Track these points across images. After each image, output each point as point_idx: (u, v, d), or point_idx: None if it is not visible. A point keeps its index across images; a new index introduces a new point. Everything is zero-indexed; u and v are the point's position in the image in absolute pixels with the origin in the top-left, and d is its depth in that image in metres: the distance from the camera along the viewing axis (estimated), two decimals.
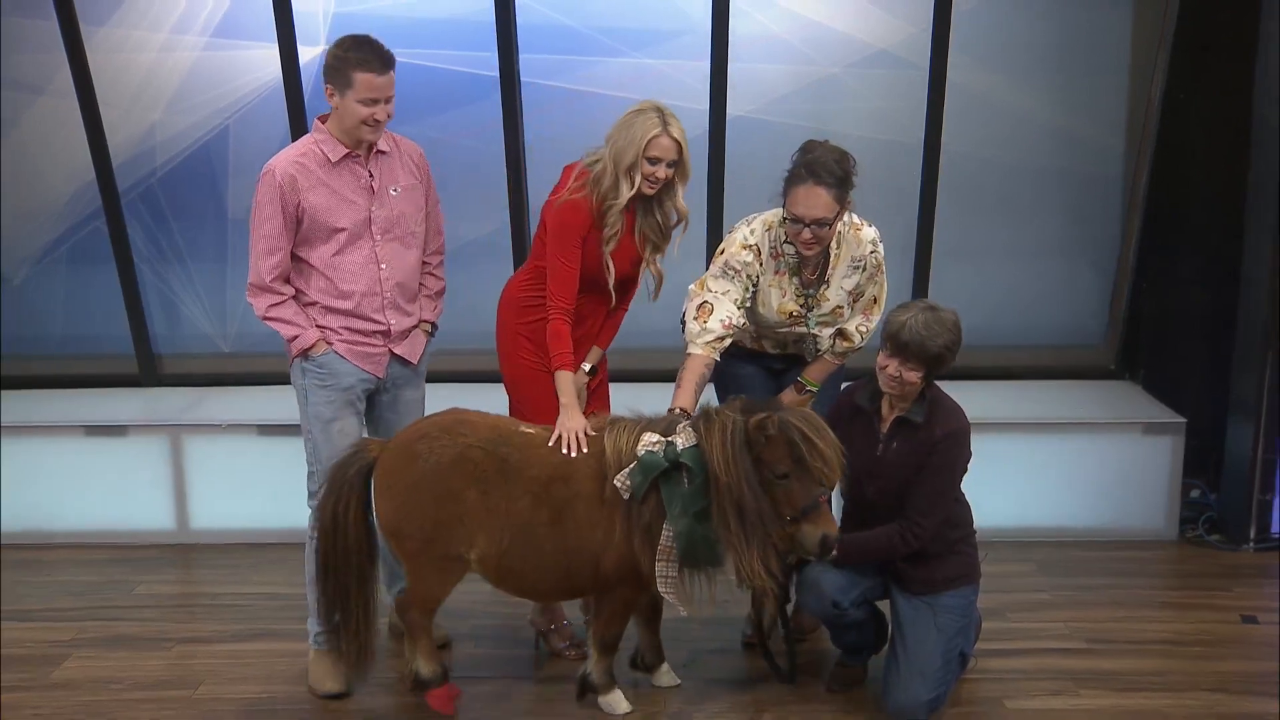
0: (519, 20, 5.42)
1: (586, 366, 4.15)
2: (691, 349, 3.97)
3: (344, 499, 3.84)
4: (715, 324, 3.95)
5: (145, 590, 5.00)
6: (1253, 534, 5.20)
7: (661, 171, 3.91)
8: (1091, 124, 5.64)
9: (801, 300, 4.07)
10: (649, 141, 3.86)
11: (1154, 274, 5.68)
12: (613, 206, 3.94)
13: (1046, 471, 5.31)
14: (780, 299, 4.06)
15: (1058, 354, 5.95)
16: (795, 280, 4.05)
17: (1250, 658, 4.32)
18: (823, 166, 3.83)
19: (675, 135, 3.90)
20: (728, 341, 4.00)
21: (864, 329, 4.17)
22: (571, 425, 3.84)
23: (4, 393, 5.88)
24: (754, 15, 5.45)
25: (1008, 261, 5.83)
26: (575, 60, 5.52)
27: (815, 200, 3.82)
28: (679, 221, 4.10)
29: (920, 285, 5.70)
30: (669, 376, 4.34)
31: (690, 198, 5.46)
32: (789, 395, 4.15)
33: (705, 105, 5.49)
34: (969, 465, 3.91)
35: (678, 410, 3.82)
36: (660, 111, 3.90)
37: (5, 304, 5.96)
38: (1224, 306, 5.34)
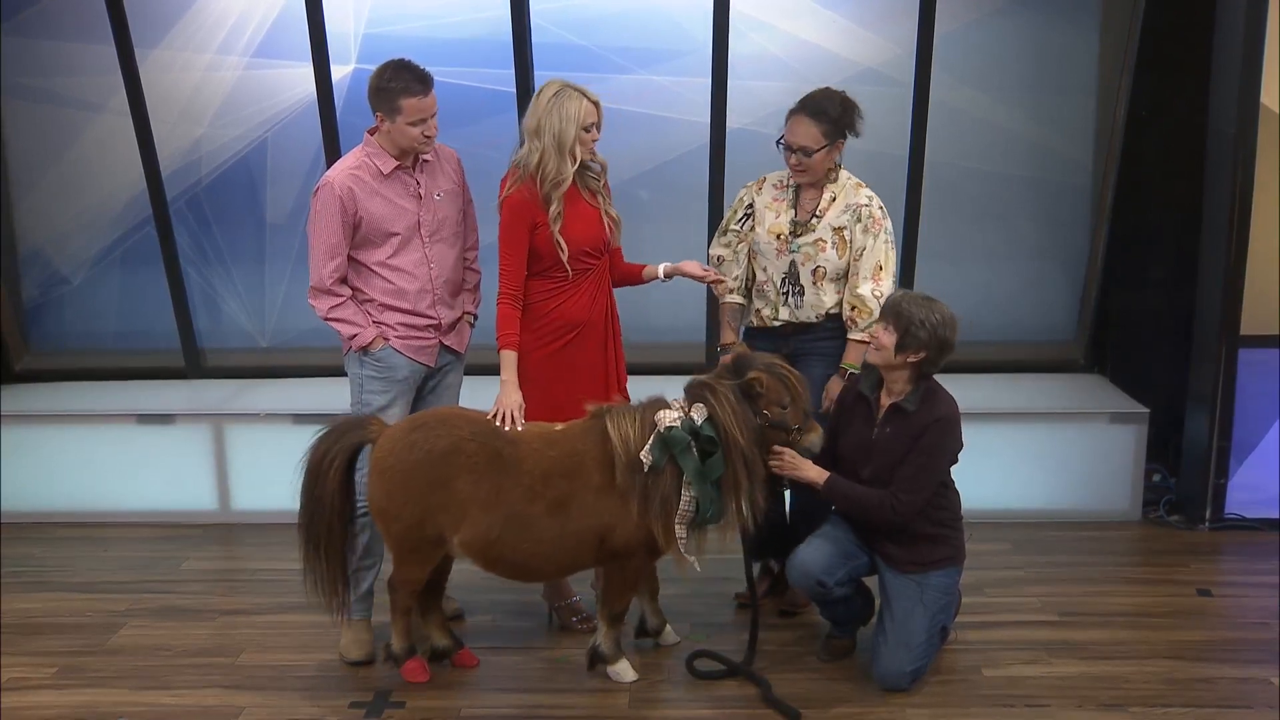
0: (534, 40, 5.40)
1: (660, 273, 4.15)
2: (721, 301, 4.35)
3: (331, 456, 3.76)
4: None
5: (191, 566, 5.01)
6: (1208, 515, 5.19)
7: (596, 133, 3.94)
8: (1062, 138, 5.61)
9: (790, 228, 4.17)
10: (583, 113, 3.86)
11: (1120, 276, 5.65)
12: (559, 184, 3.90)
13: (1021, 457, 5.28)
14: (773, 220, 4.20)
15: (1031, 349, 5.91)
16: (792, 211, 4.18)
17: (1205, 628, 4.32)
18: (815, 104, 4.05)
19: (593, 98, 3.92)
20: (735, 275, 4.28)
21: (878, 293, 4.09)
22: (508, 402, 3.84)
23: (64, 384, 5.89)
24: (751, 36, 5.43)
25: (986, 264, 5.80)
26: (586, 77, 5.39)
27: (800, 129, 4.05)
28: (603, 169, 4.09)
29: (906, 285, 5.63)
30: (674, 370, 4.34)
31: (691, 205, 5.58)
32: (834, 382, 4.17)
33: (707, 118, 5.48)
34: (958, 455, 3.88)
35: (729, 343, 4.20)
36: (569, 86, 3.89)
37: (65, 303, 5.97)
38: (1183, 306, 5.32)
